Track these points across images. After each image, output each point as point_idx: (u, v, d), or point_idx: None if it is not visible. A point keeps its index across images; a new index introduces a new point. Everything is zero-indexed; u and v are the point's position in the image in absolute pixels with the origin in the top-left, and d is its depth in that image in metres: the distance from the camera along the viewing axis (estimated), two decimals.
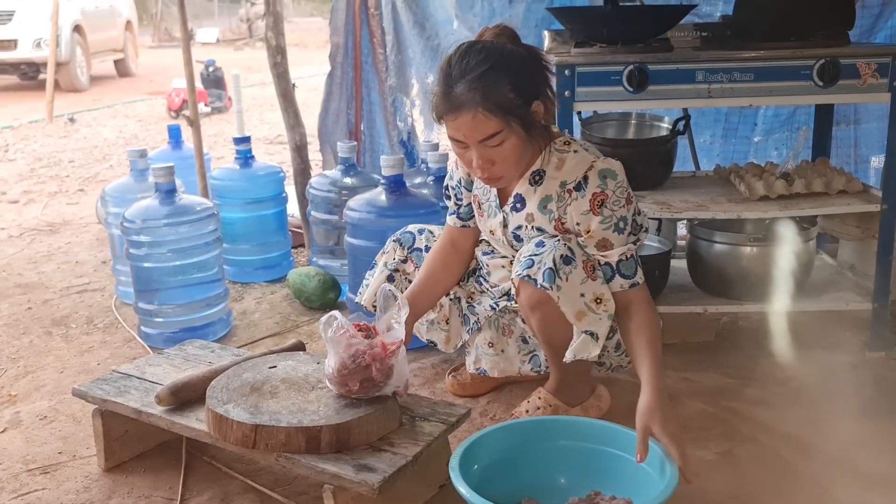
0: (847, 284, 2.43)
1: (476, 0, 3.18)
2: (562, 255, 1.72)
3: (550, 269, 1.70)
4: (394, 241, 2.13)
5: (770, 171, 2.42)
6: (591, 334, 1.74)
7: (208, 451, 1.87)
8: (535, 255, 1.75)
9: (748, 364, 2.28)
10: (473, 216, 2.00)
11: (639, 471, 1.55)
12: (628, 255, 1.77)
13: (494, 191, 1.90)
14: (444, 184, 2.06)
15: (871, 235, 2.32)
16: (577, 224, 1.77)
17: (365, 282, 2.16)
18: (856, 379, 2.18)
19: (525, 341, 2.04)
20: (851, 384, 2.14)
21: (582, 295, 1.73)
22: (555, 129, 1.87)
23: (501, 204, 1.89)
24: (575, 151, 1.79)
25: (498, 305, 1.99)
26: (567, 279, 1.72)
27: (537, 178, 1.82)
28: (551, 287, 1.70)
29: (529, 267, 1.74)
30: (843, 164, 3.01)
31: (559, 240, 1.76)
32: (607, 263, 1.77)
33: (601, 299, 1.75)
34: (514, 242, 1.89)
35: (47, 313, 2.89)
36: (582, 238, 1.78)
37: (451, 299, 2.10)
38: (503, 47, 1.70)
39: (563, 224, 1.80)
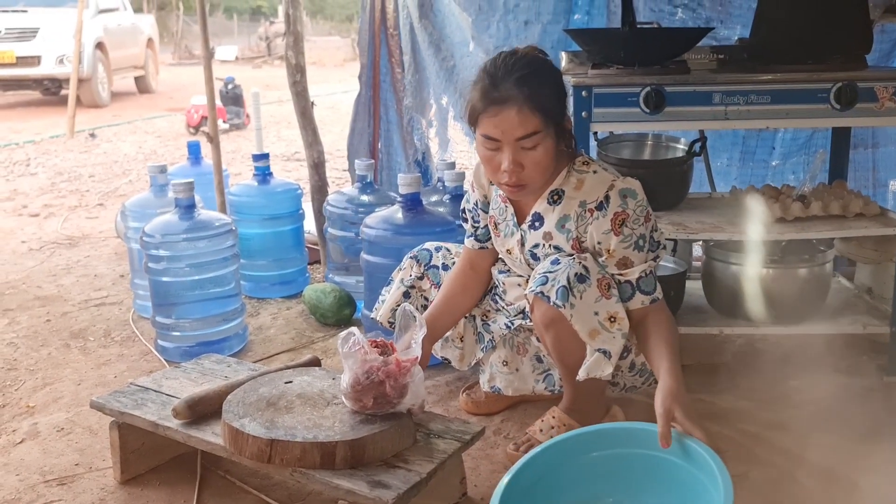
0: (864, 308, 2.42)
1: (492, 21, 3.20)
2: (576, 274, 1.73)
3: (564, 287, 1.71)
4: (410, 258, 2.15)
5: (787, 193, 2.41)
6: (605, 353, 1.73)
7: (223, 466, 1.88)
8: (550, 272, 1.75)
9: (764, 387, 2.26)
10: (491, 237, 2.02)
11: (681, 471, 1.47)
12: (647, 272, 1.78)
13: (511, 209, 1.91)
14: (462, 207, 2.07)
15: (888, 259, 2.31)
16: (599, 243, 1.79)
17: (381, 298, 2.17)
18: (873, 403, 2.16)
19: (539, 360, 2.04)
20: (869, 408, 2.12)
21: (596, 313, 1.74)
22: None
23: (519, 222, 1.90)
24: (594, 172, 1.81)
25: (513, 324, 1.99)
26: (581, 297, 1.72)
27: (556, 198, 1.83)
28: (564, 305, 1.70)
29: (543, 284, 1.74)
30: (861, 188, 3.00)
31: (574, 258, 1.77)
32: (627, 281, 1.78)
33: (615, 318, 1.75)
34: (531, 261, 1.89)
35: (66, 326, 2.92)
36: (603, 257, 1.79)
37: (466, 317, 2.11)
38: (545, 59, 1.78)
39: (580, 243, 1.81)
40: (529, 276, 1.88)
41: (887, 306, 2.29)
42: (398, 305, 2.04)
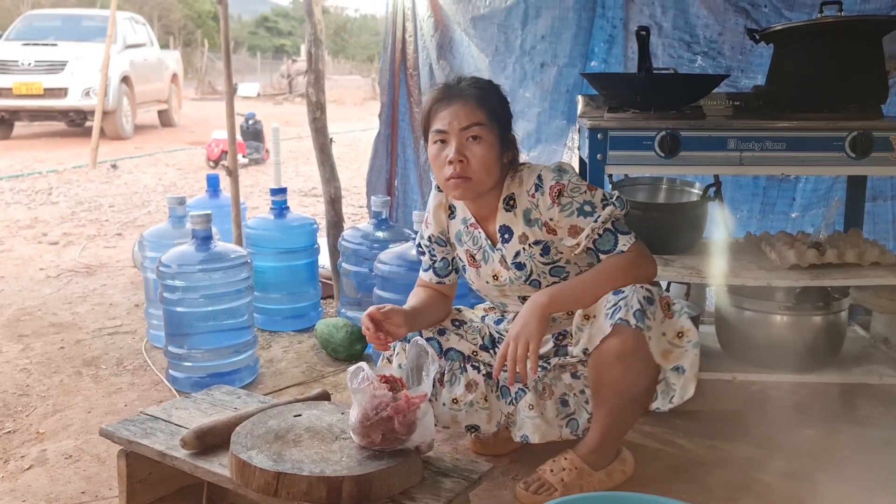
0: (880, 357, 2.39)
1: (508, 62, 3.25)
2: (644, 297, 1.77)
3: (639, 309, 1.74)
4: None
5: (801, 240, 2.41)
6: (679, 369, 1.80)
7: (228, 498, 1.87)
8: (620, 300, 1.77)
9: (777, 435, 2.23)
10: (450, 272, 2.08)
11: None
12: (600, 231, 1.82)
13: (483, 235, 1.97)
14: (416, 242, 2.14)
15: None
16: (551, 219, 1.86)
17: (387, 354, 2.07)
18: (889, 455, 2.12)
19: (564, 403, 1.98)
20: (885, 460, 2.08)
21: (664, 334, 1.79)
22: None
23: (494, 244, 1.96)
24: (528, 167, 1.93)
25: (549, 364, 1.98)
26: (654, 318, 1.77)
27: (511, 203, 1.92)
28: (644, 327, 1.74)
29: (618, 311, 1.76)
30: (883, 241, 2.92)
31: (635, 285, 1.79)
32: (589, 249, 1.84)
33: (682, 332, 1.81)
34: (517, 272, 1.94)
35: (79, 353, 2.94)
36: (560, 237, 1.87)
37: (484, 376, 2.01)
38: (493, 82, 1.96)
39: (553, 224, 1.87)
40: (524, 302, 1.92)
41: None
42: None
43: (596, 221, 1.81)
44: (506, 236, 1.94)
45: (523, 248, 1.92)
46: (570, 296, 1.83)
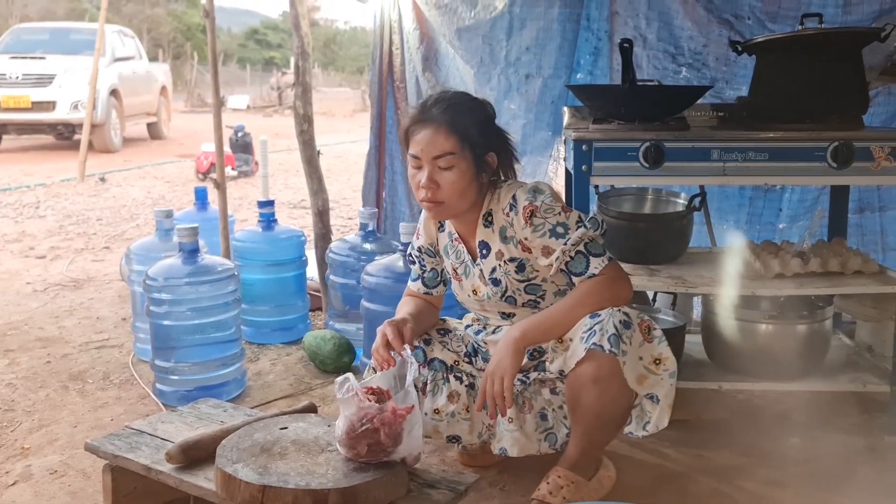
0: (865, 365, 2.40)
1: (493, 74, 3.27)
2: (620, 321, 1.76)
3: (614, 334, 1.74)
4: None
5: (786, 249, 2.43)
6: (653, 398, 1.79)
7: None
8: (596, 324, 1.77)
9: (763, 443, 2.24)
10: (438, 283, 2.09)
11: None
12: (572, 254, 1.82)
13: (465, 250, 1.99)
14: (408, 252, 2.15)
15: (888, 317, 2.31)
16: (525, 239, 1.86)
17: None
18: (874, 462, 2.13)
19: (543, 418, 1.99)
20: (870, 468, 2.10)
21: (640, 358, 1.78)
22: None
23: (474, 259, 1.98)
24: (508, 184, 1.93)
25: (529, 378, 1.98)
26: (630, 343, 1.76)
27: (489, 219, 1.93)
28: (619, 352, 1.73)
29: (594, 336, 1.76)
30: (871, 252, 2.92)
31: (612, 309, 1.79)
32: (561, 270, 1.84)
33: (660, 360, 1.80)
34: (494, 287, 1.95)
35: (65, 367, 2.92)
36: (534, 255, 1.87)
37: (466, 386, 2.02)
38: (475, 98, 1.96)
39: (527, 244, 1.88)
40: (503, 315, 1.95)
41: (887, 365, 2.28)
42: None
43: (566, 244, 1.81)
44: (484, 252, 1.95)
45: (499, 265, 1.93)
46: (544, 328, 1.83)
